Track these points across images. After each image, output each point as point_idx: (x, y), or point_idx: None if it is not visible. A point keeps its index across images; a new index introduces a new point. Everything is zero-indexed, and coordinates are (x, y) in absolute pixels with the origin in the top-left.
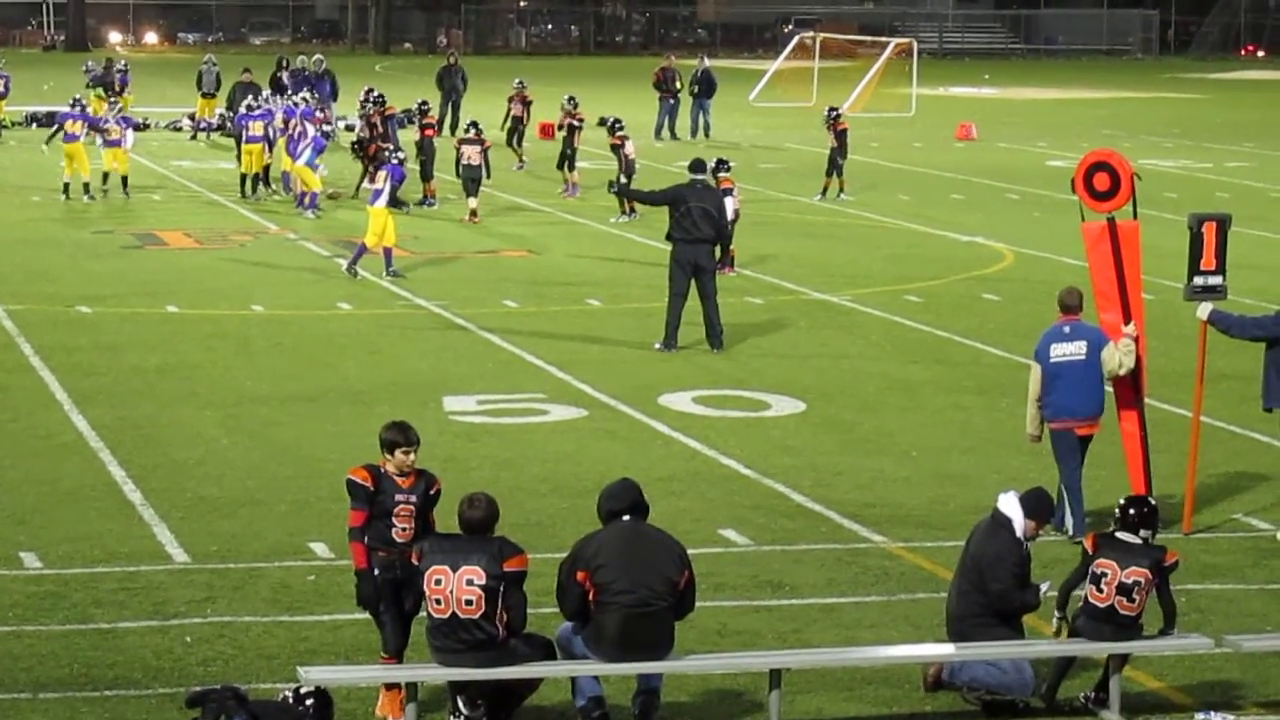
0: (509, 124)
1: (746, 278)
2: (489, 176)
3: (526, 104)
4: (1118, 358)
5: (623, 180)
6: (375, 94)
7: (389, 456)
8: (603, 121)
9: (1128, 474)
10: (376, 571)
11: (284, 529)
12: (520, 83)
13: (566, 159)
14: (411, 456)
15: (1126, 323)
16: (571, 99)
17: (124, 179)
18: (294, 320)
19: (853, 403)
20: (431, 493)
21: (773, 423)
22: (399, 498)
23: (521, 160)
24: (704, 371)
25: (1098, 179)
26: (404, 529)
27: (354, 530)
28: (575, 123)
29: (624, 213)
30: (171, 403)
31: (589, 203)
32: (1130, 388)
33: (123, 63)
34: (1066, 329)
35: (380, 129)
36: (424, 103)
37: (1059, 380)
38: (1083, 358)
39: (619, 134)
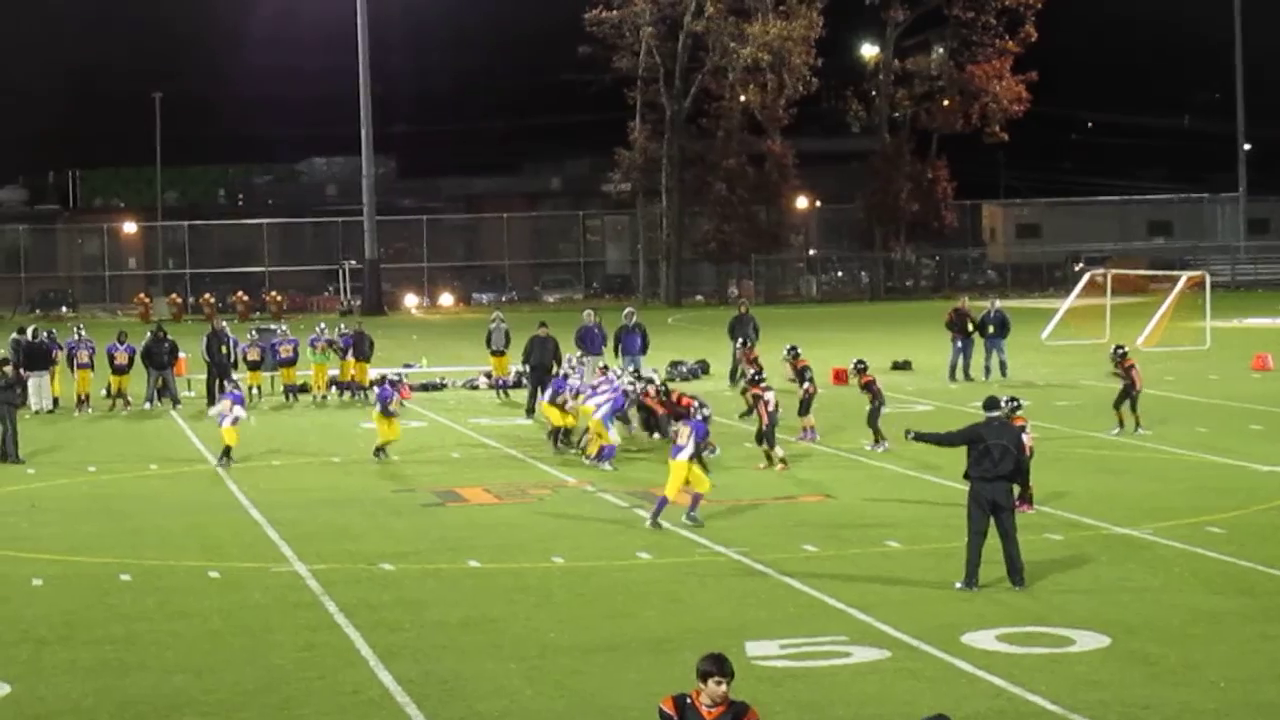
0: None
1: (1045, 514)
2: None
3: (753, 360)
4: None
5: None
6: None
7: (702, 686)
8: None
9: None
10: None
11: None
12: (743, 341)
13: (802, 405)
14: (724, 687)
15: None
16: (791, 349)
17: (225, 449)
18: (595, 571)
19: (1158, 635)
20: None
21: (1077, 658)
22: None
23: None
24: (1006, 609)
25: None
26: None
27: None
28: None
29: (875, 442)
30: (475, 656)
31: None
32: None
33: (341, 326)
34: None
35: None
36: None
37: None
38: None
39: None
